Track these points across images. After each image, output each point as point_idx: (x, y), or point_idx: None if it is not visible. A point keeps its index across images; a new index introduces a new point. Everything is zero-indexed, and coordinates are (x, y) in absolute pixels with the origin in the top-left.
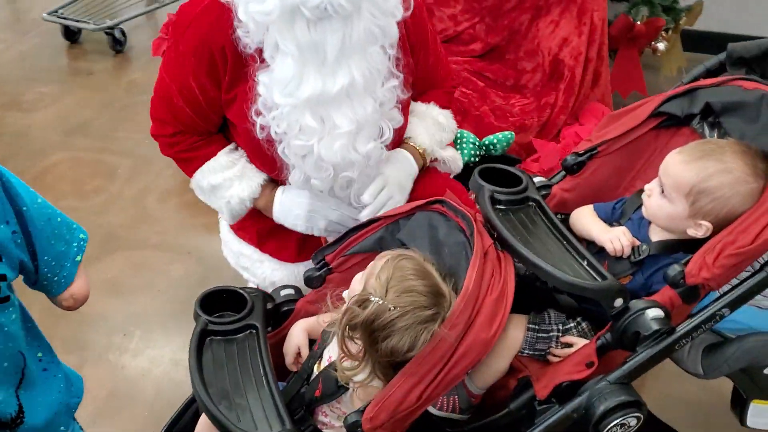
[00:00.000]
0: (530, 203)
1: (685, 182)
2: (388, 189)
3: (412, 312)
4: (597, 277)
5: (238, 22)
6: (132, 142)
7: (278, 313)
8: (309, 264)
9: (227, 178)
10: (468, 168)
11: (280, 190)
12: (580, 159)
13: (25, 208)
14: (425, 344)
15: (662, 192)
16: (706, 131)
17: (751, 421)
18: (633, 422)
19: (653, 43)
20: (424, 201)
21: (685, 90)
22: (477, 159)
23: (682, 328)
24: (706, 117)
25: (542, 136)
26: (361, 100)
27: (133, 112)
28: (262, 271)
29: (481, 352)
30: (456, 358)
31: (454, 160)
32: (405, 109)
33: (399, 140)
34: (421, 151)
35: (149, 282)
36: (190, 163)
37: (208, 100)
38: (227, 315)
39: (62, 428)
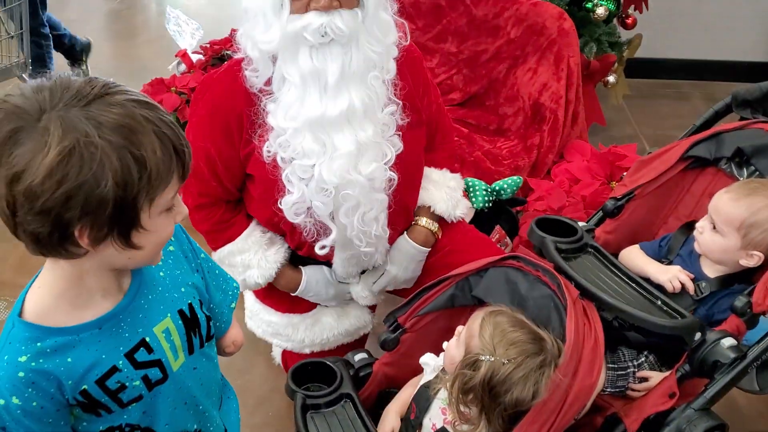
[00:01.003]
0: (589, 249)
1: (737, 217)
2: (396, 284)
3: (524, 361)
4: (676, 315)
5: (248, 63)
6: None
7: (357, 377)
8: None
9: (244, 264)
10: (481, 213)
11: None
12: (619, 203)
13: (200, 260)
14: (546, 389)
15: (714, 228)
16: (735, 170)
17: None
18: None
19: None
20: (497, 258)
21: (710, 135)
22: (489, 204)
23: (753, 353)
24: (733, 158)
25: (533, 176)
26: (361, 123)
27: None
28: (295, 333)
29: (588, 396)
30: (567, 405)
31: (468, 213)
32: (405, 136)
33: (402, 166)
34: (434, 230)
35: None
36: (214, 241)
37: (225, 162)
38: (314, 387)
39: None
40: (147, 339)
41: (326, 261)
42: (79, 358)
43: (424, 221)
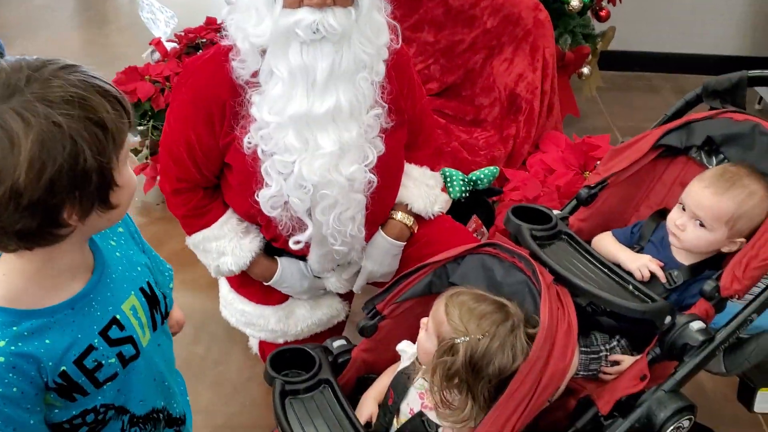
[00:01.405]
0: (563, 236)
1: (725, 212)
2: (374, 278)
3: (497, 330)
4: (647, 300)
5: (236, 54)
6: None
7: (336, 363)
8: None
9: (218, 251)
10: (458, 203)
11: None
12: (592, 191)
13: (142, 242)
14: (521, 353)
15: (700, 224)
16: (704, 159)
17: (758, 407)
18: (686, 424)
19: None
20: (473, 245)
21: (681, 124)
22: (466, 194)
23: (721, 336)
24: (703, 147)
25: (509, 166)
26: (346, 124)
27: None
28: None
29: (561, 379)
30: (540, 388)
31: (446, 205)
32: (388, 138)
33: (382, 168)
34: (410, 224)
35: None
36: (189, 226)
37: (204, 149)
38: (293, 373)
39: None
40: (118, 316)
41: (301, 255)
42: (56, 339)
43: (399, 215)
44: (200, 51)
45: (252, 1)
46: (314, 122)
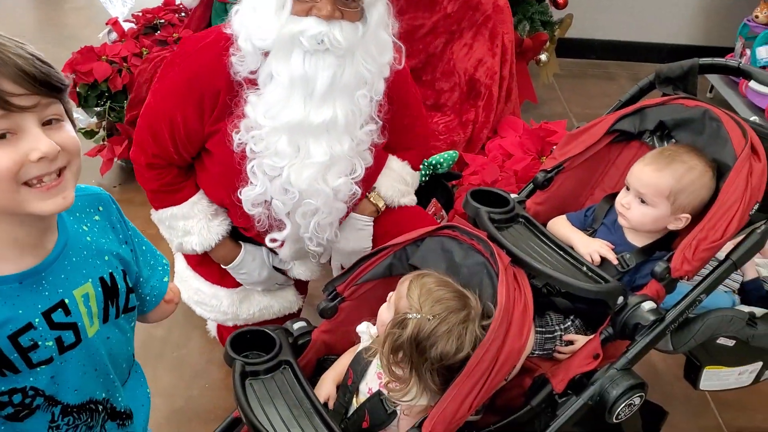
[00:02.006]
0: (520, 219)
1: (665, 186)
2: (342, 257)
3: (447, 316)
4: (600, 281)
5: (236, 50)
6: None
7: (296, 345)
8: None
9: (185, 230)
10: (418, 187)
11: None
12: (549, 175)
13: (130, 233)
14: (470, 344)
15: (642, 201)
16: (656, 143)
17: (703, 384)
18: (637, 401)
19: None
20: (433, 227)
21: (635, 110)
22: (427, 178)
23: (671, 315)
24: (655, 132)
25: (468, 151)
26: (339, 136)
27: None
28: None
29: (517, 358)
30: (498, 366)
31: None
32: (378, 153)
33: (368, 180)
34: (381, 205)
35: None
36: (158, 201)
37: (188, 132)
38: (253, 355)
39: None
40: (66, 301)
41: (254, 237)
42: None
43: (372, 195)
44: (158, 32)
45: (261, 1)
46: (308, 131)
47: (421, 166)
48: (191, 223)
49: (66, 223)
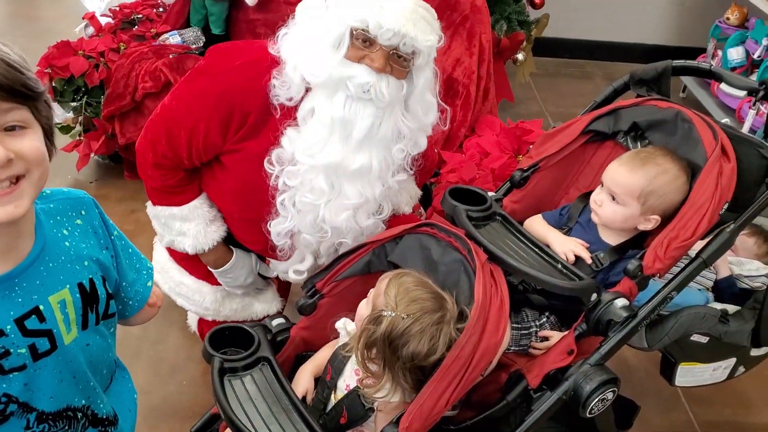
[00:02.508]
0: (497, 217)
1: (636, 187)
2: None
3: (422, 316)
4: (575, 278)
5: (280, 74)
6: None
7: (275, 342)
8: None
9: (180, 231)
10: None
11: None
12: (525, 174)
13: (113, 237)
14: (444, 346)
15: (613, 200)
16: (630, 144)
17: (679, 381)
18: (610, 396)
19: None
20: (412, 225)
21: (609, 111)
22: None
23: (643, 312)
24: (629, 132)
25: (446, 149)
26: (372, 182)
27: None
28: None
29: (493, 354)
30: (474, 362)
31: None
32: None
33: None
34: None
35: None
36: (158, 198)
37: (207, 144)
38: (231, 351)
39: None
40: (41, 307)
41: (257, 252)
42: None
43: None
44: (136, 27)
45: (319, 36)
46: (344, 173)
47: None
48: (188, 226)
49: (44, 227)
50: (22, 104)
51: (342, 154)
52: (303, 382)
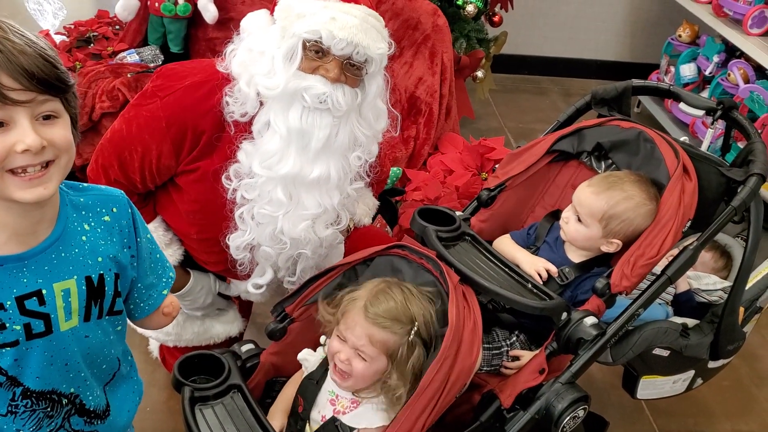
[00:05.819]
0: (466, 237)
1: (598, 210)
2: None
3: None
4: (545, 297)
5: (232, 91)
6: None
7: (245, 368)
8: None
9: None
10: None
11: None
12: (492, 194)
13: (140, 240)
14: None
15: (578, 219)
16: (594, 164)
17: (640, 393)
18: (581, 413)
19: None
20: (383, 247)
21: (573, 131)
22: None
23: (611, 329)
24: (593, 152)
25: (410, 167)
26: (330, 191)
27: None
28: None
29: (468, 376)
30: (449, 385)
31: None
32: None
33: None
34: (351, 226)
35: None
36: None
37: (160, 167)
38: (201, 379)
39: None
40: (44, 291)
41: (217, 272)
42: None
43: None
44: (92, 45)
45: (271, 49)
46: (302, 184)
47: None
48: None
49: (67, 218)
50: (55, 96)
51: (299, 164)
52: (276, 421)
